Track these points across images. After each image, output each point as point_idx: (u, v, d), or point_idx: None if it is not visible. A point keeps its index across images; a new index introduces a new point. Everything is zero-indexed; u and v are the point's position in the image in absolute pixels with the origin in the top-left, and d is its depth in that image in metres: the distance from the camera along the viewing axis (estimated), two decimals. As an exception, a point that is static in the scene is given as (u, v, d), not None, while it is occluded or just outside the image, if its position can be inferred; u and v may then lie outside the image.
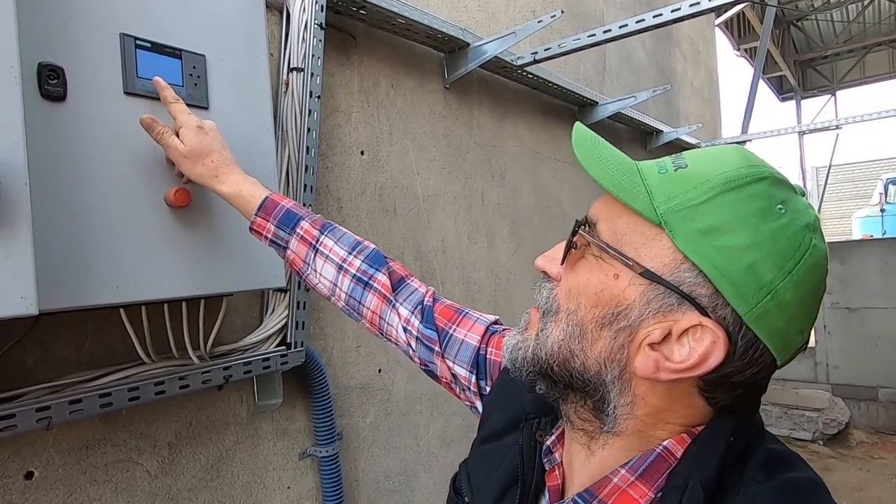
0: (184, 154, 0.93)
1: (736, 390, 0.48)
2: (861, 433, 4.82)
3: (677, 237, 0.46)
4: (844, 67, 12.41)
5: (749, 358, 0.46)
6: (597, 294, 0.50)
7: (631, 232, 0.49)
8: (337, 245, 0.90)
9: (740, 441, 0.47)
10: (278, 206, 0.92)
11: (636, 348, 0.48)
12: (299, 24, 1.45)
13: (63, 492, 1.09)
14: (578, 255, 0.52)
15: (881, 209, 11.80)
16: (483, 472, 0.63)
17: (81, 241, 0.89)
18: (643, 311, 0.47)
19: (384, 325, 0.87)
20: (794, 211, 0.46)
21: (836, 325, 5.22)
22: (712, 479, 0.45)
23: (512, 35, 1.98)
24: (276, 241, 0.93)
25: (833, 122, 4.76)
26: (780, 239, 0.45)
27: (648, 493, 0.48)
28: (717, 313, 0.45)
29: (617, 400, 0.50)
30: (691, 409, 0.49)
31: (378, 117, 1.83)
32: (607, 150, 0.52)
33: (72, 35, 0.91)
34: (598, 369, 0.50)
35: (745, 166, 0.47)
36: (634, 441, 0.51)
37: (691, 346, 0.46)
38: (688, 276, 0.46)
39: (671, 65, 4.52)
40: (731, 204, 0.45)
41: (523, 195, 2.56)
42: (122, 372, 1.11)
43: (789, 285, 0.44)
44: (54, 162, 0.87)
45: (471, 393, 0.78)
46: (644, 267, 0.47)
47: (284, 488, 1.50)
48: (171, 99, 0.96)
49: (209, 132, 0.95)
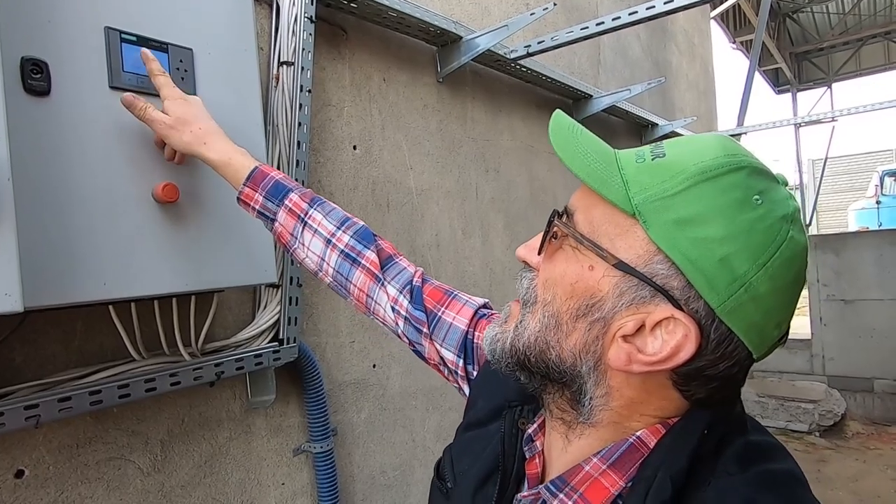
0: (169, 124, 0.92)
1: (710, 384, 0.47)
2: (857, 424, 4.85)
3: (651, 228, 0.45)
4: (840, 60, 12.40)
5: (722, 352, 0.45)
6: (572, 285, 0.49)
7: (606, 223, 0.48)
8: (326, 219, 0.88)
9: (715, 434, 0.47)
10: (267, 177, 0.91)
11: (610, 340, 0.48)
12: (289, 18, 1.44)
13: (54, 490, 1.09)
14: (557, 246, 0.52)
15: (877, 201, 11.82)
16: (467, 458, 0.63)
17: (67, 237, 0.88)
18: (616, 303, 0.47)
19: (371, 304, 0.86)
20: (771, 202, 0.45)
21: (831, 317, 5.24)
22: (682, 472, 0.45)
23: (504, 28, 1.97)
24: (264, 213, 0.91)
25: (829, 115, 4.77)
26: (755, 231, 0.44)
27: (619, 482, 0.48)
28: (690, 306, 0.44)
29: (593, 391, 0.50)
30: (666, 402, 0.49)
31: (370, 111, 1.82)
32: (585, 139, 0.51)
33: (56, 29, 0.89)
34: (574, 361, 0.50)
35: (723, 156, 0.46)
36: (609, 432, 0.50)
37: (664, 338, 0.45)
38: (661, 269, 0.45)
39: (666, 58, 4.50)
40: (707, 194, 0.44)
41: (518, 189, 2.55)
42: (112, 369, 1.10)
43: (764, 278, 0.43)
44: (38, 157, 0.86)
45: (458, 377, 0.78)
46: (618, 258, 0.46)
47: (279, 484, 1.50)
48: (156, 71, 0.95)
49: (194, 104, 0.95)
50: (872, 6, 10.42)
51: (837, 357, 5.23)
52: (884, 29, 10.91)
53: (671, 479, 0.44)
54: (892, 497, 3.55)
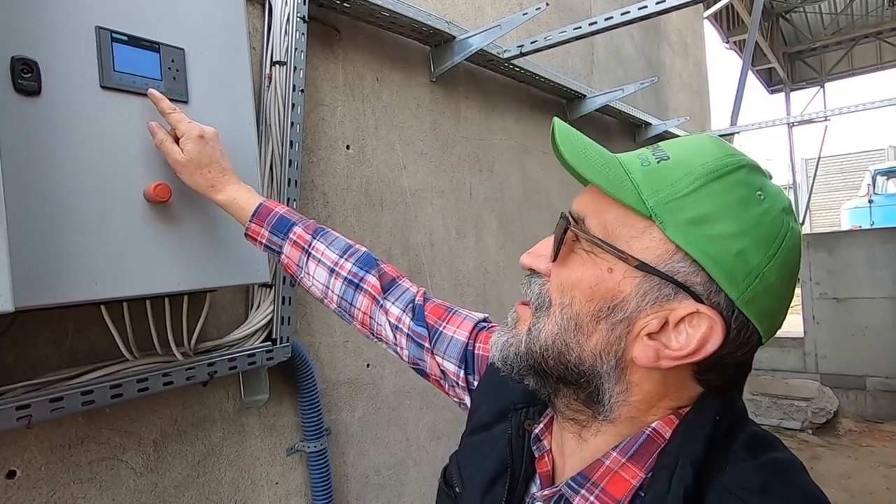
0: (182, 163, 0.96)
1: (727, 371, 0.50)
2: (849, 422, 4.88)
3: (668, 228, 0.47)
4: (833, 59, 12.48)
5: (742, 339, 0.48)
6: (591, 288, 0.50)
7: (621, 226, 0.49)
8: (329, 249, 0.93)
9: (725, 420, 0.49)
10: (272, 213, 0.96)
11: (633, 339, 0.49)
12: (281, 17, 1.44)
13: (46, 490, 1.08)
14: (568, 250, 0.53)
15: (869, 200, 11.88)
16: (473, 462, 0.64)
17: (58, 236, 0.88)
18: (640, 302, 0.48)
19: (374, 325, 0.89)
20: (771, 196, 0.49)
21: (824, 315, 5.27)
22: (700, 458, 0.47)
23: (497, 28, 1.97)
24: (271, 247, 0.96)
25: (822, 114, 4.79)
26: (763, 224, 0.47)
27: (640, 473, 0.49)
28: (712, 300, 0.47)
29: (612, 389, 0.51)
30: (682, 392, 0.51)
31: (364, 111, 1.82)
32: (590, 146, 0.52)
33: (46, 28, 0.89)
34: (594, 361, 0.51)
35: (724, 156, 0.49)
36: (626, 427, 0.52)
37: (688, 332, 0.47)
38: (681, 266, 0.47)
39: (660, 57, 4.52)
40: (716, 193, 0.47)
41: (511, 189, 2.56)
42: (104, 369, 1.09)
43: (774, 267, 0.47)
44: (29, 157, 0.85)
45: (459, 388, 0.80)
46: (639, 260, 0.48)
47: (272, 484, 1.50)
48: (168, 110, 0.97)
49: (209, 141, 0.97)
50: (865, 6, 10.49)
51: (830, 355, 5.26)
52: (876, 29, 10.99)
53: (691, 465, 0.46)
54: (883, 494, 3.57)
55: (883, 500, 3.50)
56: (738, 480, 0.45)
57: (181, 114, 0.98)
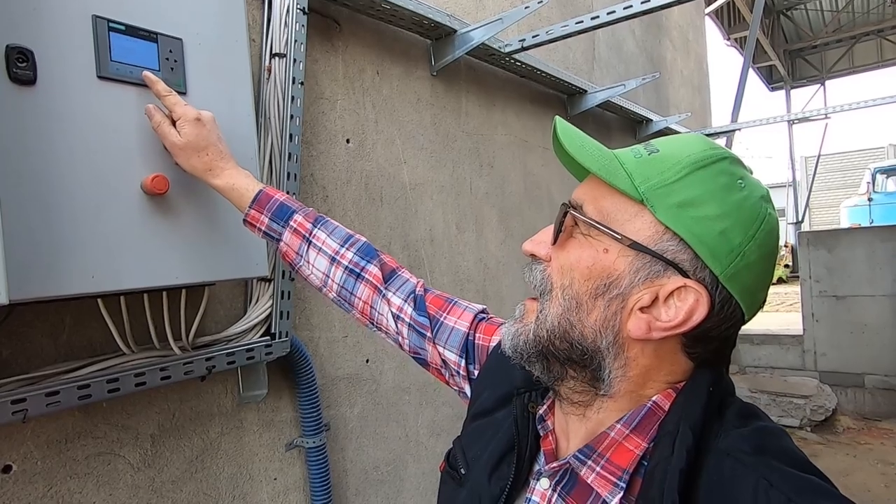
0: (180, 146, 0.95)
1: (713, 344, 0.55)
2: (847, 419, 4.88)
3: (658, 211, 0.52)
4: (833, 57, 12.46)
5: (725, 314, 0.53)
6: (589, 268, 0.55)
7: (616, 210, 0.54)
8: (330, 238, 0.93)
9: (718, 391, 0.54)
10: (272, 200, 0.95)
11: (628, 313, 0.54)
12: (281, 9, 1.42)
13: (43, 485, 1.07)
14: (567, 235, 0.58)
15: (869, 198, 11.87)
16: (478, 445, 0.68)
17: (54, 228, 0.86)
18: (633, 279, 0.53)
19: (375, 315, 0.91)
20: (751, 185, 0.54)
21: (823, 313, 5.26)
22: (699, 423, 0.51)
23: (499, 21, 1.96)
24: (270, 234, 0.96)
25: (822, 112, 4.78)
26: (744, 208, 0.52)
27: (642, 443, 0.54)
28: (698, 275, 0.52)
29: (612, 364, 0.55)
30: (675, 366, 0.55)
31: (364, 105, 1.81)
32: (589, 141, 0.57)
33: (42, 16, 0.88)
34: (595, 336, 0.55)
35: (708, 149, 0.54)
36: (626, 401, 0.56)
37: (677, 305, 0.52)
38: (670, 245, 0.52)
39: (661, 53, 4.50)
40: (701, 180, 0.52)
41: (512, 184, 2.55)
42: (101, 363, 1.08)
43: (754, 247, 0.52)
44: (24, 147, 0.84)
45: (460, 377, 0.83)
46: (632, 240, 0.53)
47: (271, 479, 1.49)
48: (163, 92, 0.96)
49: (206, 124, 0.97)
50: (866, 4, 10.46)
51: (829, 353, 5.25)
52: (877, 27, 10.97)
53: (691, 430, 0.50)
54: (881, 491, 3.57)
55: (881, 497, 3.50)
56: (733, 443, 0.50)
57: (177, 97, 0.97)
